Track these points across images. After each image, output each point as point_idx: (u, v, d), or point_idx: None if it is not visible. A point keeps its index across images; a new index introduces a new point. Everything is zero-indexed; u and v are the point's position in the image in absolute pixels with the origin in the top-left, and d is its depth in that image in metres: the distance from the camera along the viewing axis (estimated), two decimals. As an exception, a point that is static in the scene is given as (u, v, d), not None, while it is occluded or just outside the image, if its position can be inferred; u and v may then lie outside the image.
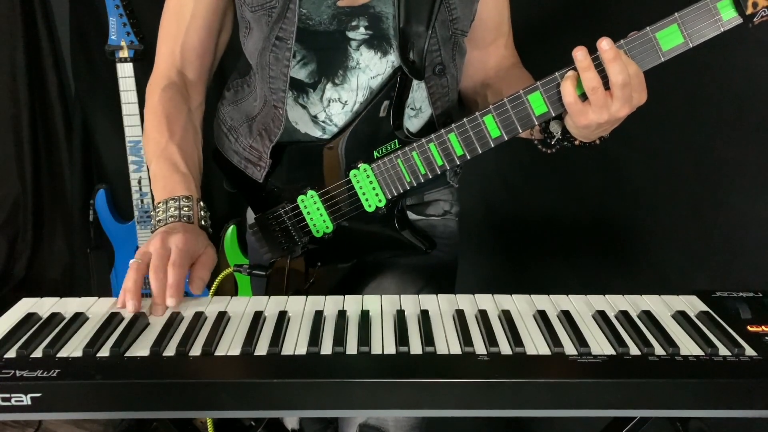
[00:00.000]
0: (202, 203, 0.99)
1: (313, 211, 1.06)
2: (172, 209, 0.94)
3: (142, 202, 1.95)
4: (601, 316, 0.80)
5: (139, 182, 1.94)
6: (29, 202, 2.40)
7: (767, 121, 1.23)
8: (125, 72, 1.85)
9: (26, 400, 0.67)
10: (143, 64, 1.91)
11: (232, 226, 1.98)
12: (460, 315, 0.80)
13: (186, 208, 0.94)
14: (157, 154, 1.01)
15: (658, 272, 1.48)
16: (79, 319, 0.81)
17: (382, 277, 1.11)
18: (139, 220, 1.97)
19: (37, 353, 0.73)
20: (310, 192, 1.06)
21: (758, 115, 1.24)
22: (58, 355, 0.73)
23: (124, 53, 1.84)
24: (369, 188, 1.03)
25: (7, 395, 0.67)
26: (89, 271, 2.15)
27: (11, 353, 0.74)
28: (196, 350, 0.74)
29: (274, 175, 1.10)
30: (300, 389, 0.69)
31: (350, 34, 1.01)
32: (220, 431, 1.03)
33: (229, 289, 2.02)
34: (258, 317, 0.81)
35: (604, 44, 0.83)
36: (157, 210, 0.95)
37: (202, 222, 0.98)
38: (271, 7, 0.99)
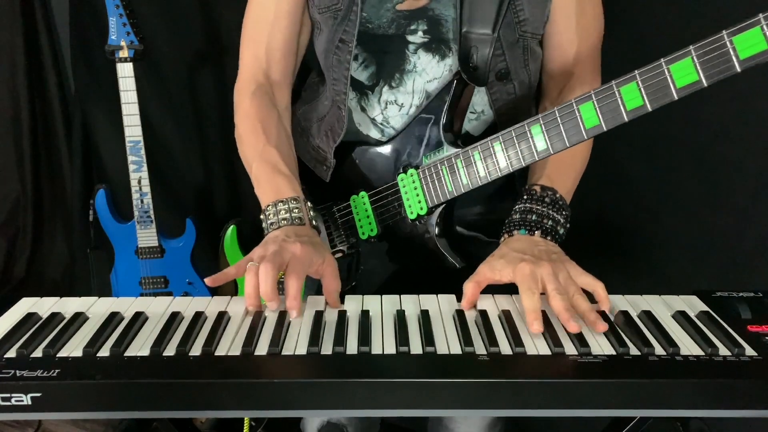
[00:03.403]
0: (309, 203, 0.98)
1: (362, 212, 1.07)
2: (283, 212, 0.93)
3: (142, 202, 1.95)
4: (602, 316, 0.80)
5: (139, 182, 1.93)
6: (29, 202, 2.40)
7: (767, 122, 1.23)
8: (125, 72, 1.84)
9: (26, 400, 0.67)
10: (143, 64, 1.91)
11: (232, 226, 1.97)
12: (460, 315, 0.80)
13: (296, 210, 0.94)
14: (255, 157, 1.01)
15: (658, 272, 1.48)
16: (79, 319, 0.81)
17: None
18: (139, 220, 1.97)
19: (37, 353, 0.73)
20: (362, 192, 1.07)
21: (758, 115, 1.24)
22: (58, 355, 0.73)
23: (124, 53, 1.83)
24: (413, 194, 1.02)
25: (7, 395, 0.67)
26: (89, 271, 2.15)
27: (11, 353, 0.74)
28: (196, 350, 0.74)
29: (336, 173, 1.11)
30: (300, 389, 0.69)
31: (409, 38, 1.00)
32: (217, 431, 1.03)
33: (230, 289, 2.02)
34: (258, 317, 0.80)
35: (536, 327, 0.77)
36: (266, 213, 0.95)
37: (313, 222, 0.97)
38: (336, 9, 1.00)
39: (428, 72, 1.02)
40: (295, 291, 0.81)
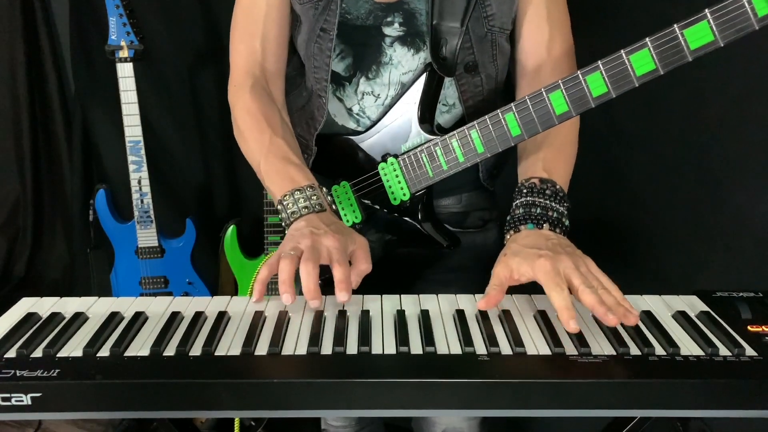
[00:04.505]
0: (324, 189, 0.99)
1: (345, 201, 1.08)
2: (302, 200, 0.93)
3: (142, 202, 1.95)
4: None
5: (139, 182, 1.93)
6: (29, 202, 2.40)
7: (767, 122, 1.23)
8: (125, 72, 1.85)
9: (26, 400, 0.67)
10: (143, 64, 1.91)
11: (232, 226, 1.98)
12: (460, 315, 0.80)
13: (314, 197, 0.94)
14: (264, 151, 1.01)
15: (659, 272, 1.48)
16: (79, 319, 0.81)
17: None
18: (139, 220, 1.97)
19: (37, 353, 0.73)
20: (343, 182, 1.08)
21: (758, 115, 1.24)
22: (58, 355, 0.73)
23: (124, 53, 1.83)
24: (395, 182, 1.04)
25: (7, 395, 0.67)
26: (89, 271, 2.15)
27: (11, 353, 0.74)
28: (196, 350, 0.74)
29: (317, 164, 1.12)
30: (300, 389, 0.69)
31: (385, 30, 1.03)
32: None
33: (230, 289, 2.03)
34: (258, 317, 0.80)
35: (572, 326, 0.75)
36: (285, 203, 0.94)
37: (333, 206, 0.98)
38: (317, 0, 1.02)
39: (403, 64, 1.05)
40: (345, 277, 0.81)
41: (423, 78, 1.03)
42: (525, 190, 0.95)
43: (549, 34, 1.06)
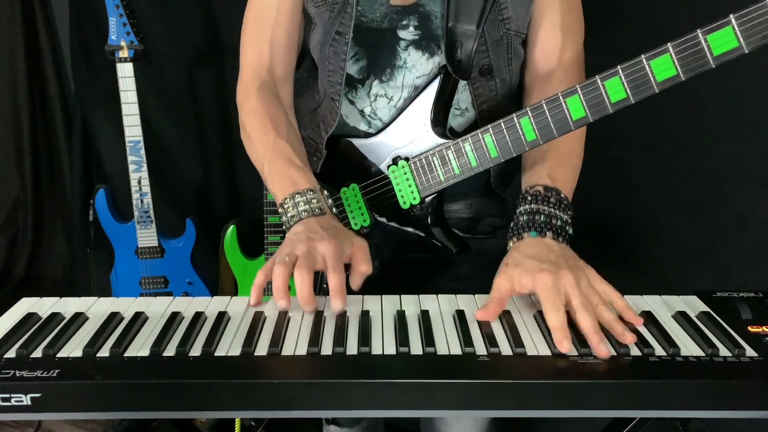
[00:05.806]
0: (326, 192, 0.99)
1: (354, 203, 1.08)
2: (302, 204, 0.93)
3: (142, 202, 1.95)
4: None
5: (139, 182, 1.93)
6: (29, 202, 2.40)
7: (767, 122, 1.23)
8: (125, 72, 1.84)
9: (26, 400, 0.67)
10: (143, 64, 1.91)
11: (232, 226, 1.97)
12: (460, 315, 0.80)
13: (315, 201, 0.94)
14: (268, 153, 1.01)
15: (659, 272, 1.48)
16: (79, 319, 0.81)
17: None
18: (139, 220, 1.97)
19: (37, 353, 0.73)
20: (353, 185, 1.08)
21: (758, 114, 1.25)
22: (58, 355, 0.73)
23: (124, 53, 1.83)
24: (405, 185, 1.04)
25: (7, 395, 0.67)
26: (89, 271, 2.15)
27: (11, 353, 0.74)
28: (196, 350, 0.74)
29: (327, 166, 1.12)
30: (300, 389, 0.69)
31: (400, 33, 1.03)
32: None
33: (230, 289, 2.03)
34: (258, 317, 0.80)
35: (565, 346, 0.74)
36: (285, 206, 0.94)
37: (333, 210, 0.98)
38: (333, 2, 1.02)
39: (418, 68, 1.04)
40: (339, 285, 0.81)
41: (437, 81, 1.02)
42: (529, 198, 0.94)
43: (562, 42, 1.05)
